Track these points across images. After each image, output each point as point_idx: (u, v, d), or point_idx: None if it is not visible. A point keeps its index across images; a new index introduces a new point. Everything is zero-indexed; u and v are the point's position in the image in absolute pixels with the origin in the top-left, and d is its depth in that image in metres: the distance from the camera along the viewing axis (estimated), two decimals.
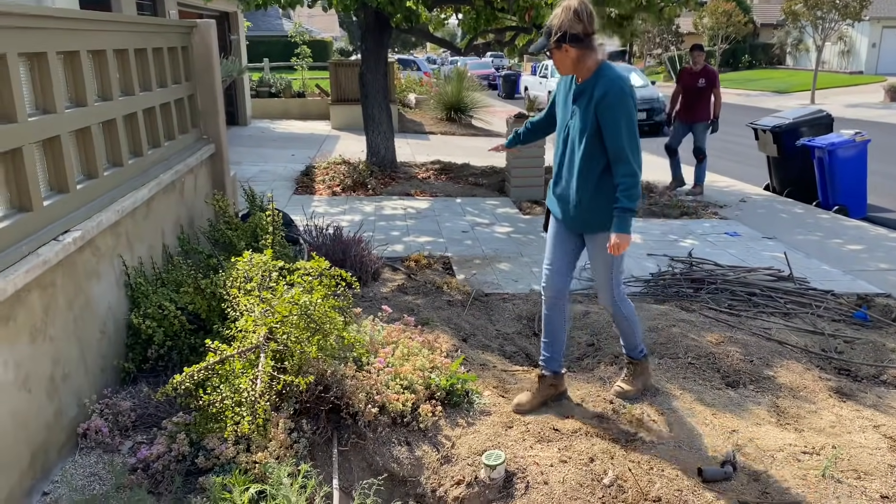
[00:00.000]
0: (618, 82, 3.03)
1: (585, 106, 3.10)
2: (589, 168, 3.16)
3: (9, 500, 2.57)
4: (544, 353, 3.54)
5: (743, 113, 16.89)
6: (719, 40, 35.43)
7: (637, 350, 3.56)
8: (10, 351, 2.61)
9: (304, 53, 17.79)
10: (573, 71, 3.15)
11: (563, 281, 3.45)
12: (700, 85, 9.03)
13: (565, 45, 3.04)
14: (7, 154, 2.78)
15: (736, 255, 6.50)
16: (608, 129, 3.05)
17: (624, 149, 3.04)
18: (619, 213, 3.09)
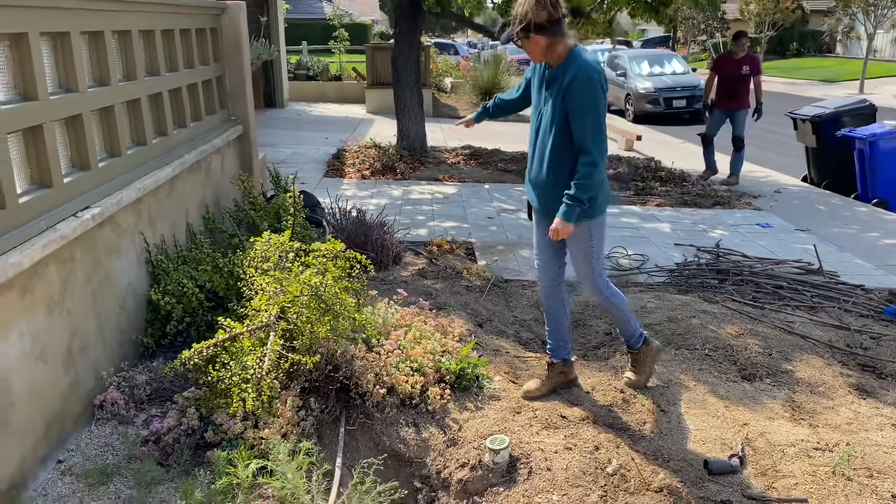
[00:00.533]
0: (586, 69, 2.95)
1: (556, 92, 3.05)
2: (560, 156, 3.11)
3: (22, 466, 2.66)
4: (549, 342, 3.54)
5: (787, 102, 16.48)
6: (766, 27, 34.51)
7: (635, 337, 3.50)
8: (27, 322, 2.69)
9: (342, 37, 17.84)
10: (544, 58, 3.08)
11: (554, 269, 3.42)
12: (744, 72, 8.81)
13: (532, 35, 2.96)
14: (28, 131, 2.86)
15: (766, 246, 6.37)
16: (574, 118, 2.99)
17: (586, 137, 2.98)
18: (567, 200, 3.03)
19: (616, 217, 7.46)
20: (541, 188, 3.26)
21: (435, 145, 10.84)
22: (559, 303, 3.48)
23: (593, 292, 3.37)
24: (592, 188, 3.03)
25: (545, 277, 3.46)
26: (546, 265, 3.43)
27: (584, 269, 3.30)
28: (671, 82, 17.48)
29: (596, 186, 3.05)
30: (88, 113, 3.28)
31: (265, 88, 15.35)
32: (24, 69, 2.82)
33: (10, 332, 2.59)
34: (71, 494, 2.73)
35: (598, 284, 3.33)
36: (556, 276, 3.43)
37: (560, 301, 3.48)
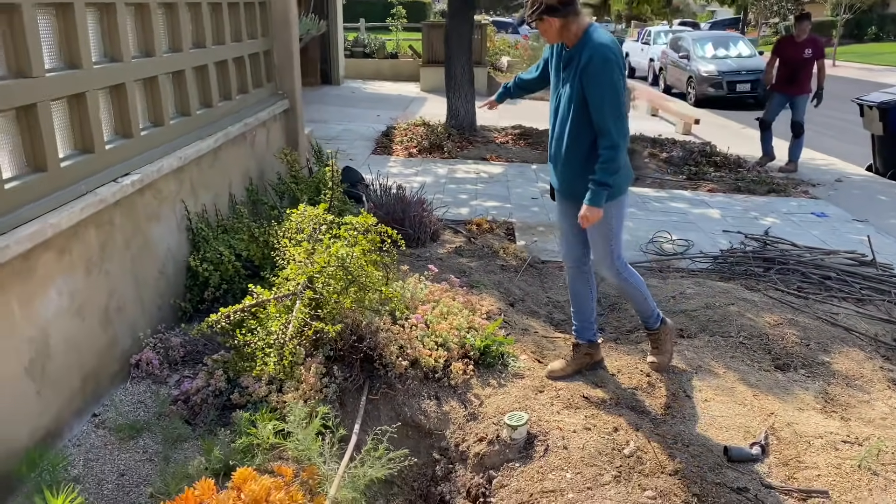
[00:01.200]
0: (603, 49, 2.89)
1: (573, 74, 3.00)
2: (578, 138, 3.08)
3: (59, 417, 2.81)
4: (575, 323, 3.52)
5: (860, 88, 15.75)
6: (843, 10, 32.99)
7: (653, 317, 3.47)
8: (65, 281, 2.83)
9: (399, 14, 17.85)
10: (559, 39, 3.04)
11: (577, 250, 3.39)
12: (806, 55, 8.48)
13: (546, 17, 2.94)
14: (73, 98, 2.98)
15: (819, 236, 6.15)
16: (592, 100, 2.94)
17: (605, 119, 2.93)
18: (593, 186, 2.99)
19: (664, 202, 7.32)
20: (560, 169, 3.23)
21: (485, 124, 10.78)
22: (584, 284, 3.46)
23: (611, 273, 3.32)
24: (616, 170, 2.98)
25: (569, 258, 3.44)
26: (570, 246, 3.41)
27: (603, 250, 3.26)
28: (736, 65, 16.91)
29: (619, 168, 3.00)
30: (132, 82, 3.39)
31: (322, 65, 15.51)
32: (69, 39, 2.93)
33: (49, 289, 2.72)
34: (102, 447, 2.87)
35: (615, 266, 3.29)
36: (581, 257, 3.40)
37: (585, 282, 3.45)
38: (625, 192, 3.20)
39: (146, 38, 3.59)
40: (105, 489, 2.65)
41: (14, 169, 2.65)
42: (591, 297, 3.50)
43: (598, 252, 3.29)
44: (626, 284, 3.36)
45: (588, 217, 3.04)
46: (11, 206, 2.52)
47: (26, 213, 2.58)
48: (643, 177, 8.30)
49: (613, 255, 3.26)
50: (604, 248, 3.25)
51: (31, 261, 2.60)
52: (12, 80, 2.58)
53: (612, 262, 3.27)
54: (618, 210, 3.19)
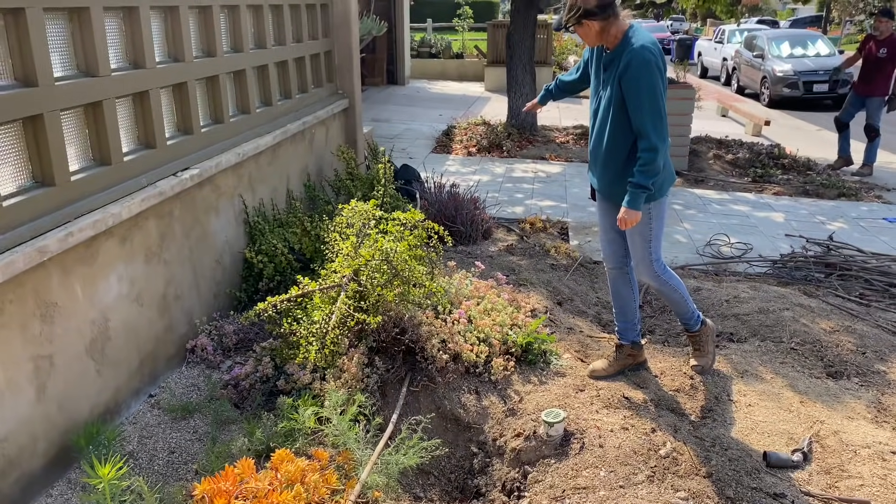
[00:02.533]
0: (642, 51, 2.86)
1: (613, 76, 2.98)
2: (618, 140, 3.06)
3: (117, 395, 2.99)
4: (617, 324, 3.51)
5: None
6: None
7: (693, 320, 3.43)
8: (125, 268, 3.01)
9: (466, 14, 17.94)
10: (599, 42, 3.03)
11: (619, 251, 3.38)
12: (880, 55, 8.16)
13: (584, 21, 2.93)
14: (136, 96, 3.16)
15: (888, 242, 5.91)
16: (631, 102, 2.92)
17: (644, 121, 2.89)
18: (631, 189, 2.97)
19: (726, 204, 7.15)
20: (600, 171, 3.23)
21: (547, 124, 10.75)
22: (626, 285, 3.44)
23: (649, 276, 3.29)
24: (655, 173, 2.95)
25: (611, 259, 3.43)
26: (611, 247, 3.40)
27: (641, 252, 3.24)
28: (813, 65, 16.27)
29: (659, 171, 2.97)
30: (193, 81, 3.57)
31: (388, 66, 15.75)
32: (134, 39, 3.11)
33: (110, 275, 2.90)
34: (156, 425, 3.04)
35: (654, 268, 3.26)
36: (622, 258, 3.39)
37: (627, 283, 3.44)
38: (665, 194, 3.17)
39: (208, 38, 3.76)
40: (156, 464, 2.81)
41: (80, 162, 2.84)
42: (634, 298, 3.48)
43: (637, 254, 3.27)
44: (665, 287, 3.33)
45: (626, 220, 3.03)
46: (76, 197, 2.71)
47: (90, 203, 2.76)
48: (706, 179, 8.13)
49: (652, 258, 3.24)
50: (643, 251, 3.23)
51: (93, 248, 2.78)
52: (80, 78, 2.76)
53: (650, 264, 3.25)
54: (658, 212, 3.17)
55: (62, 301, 2.64)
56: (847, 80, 15.62)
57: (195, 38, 3.66)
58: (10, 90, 2.43)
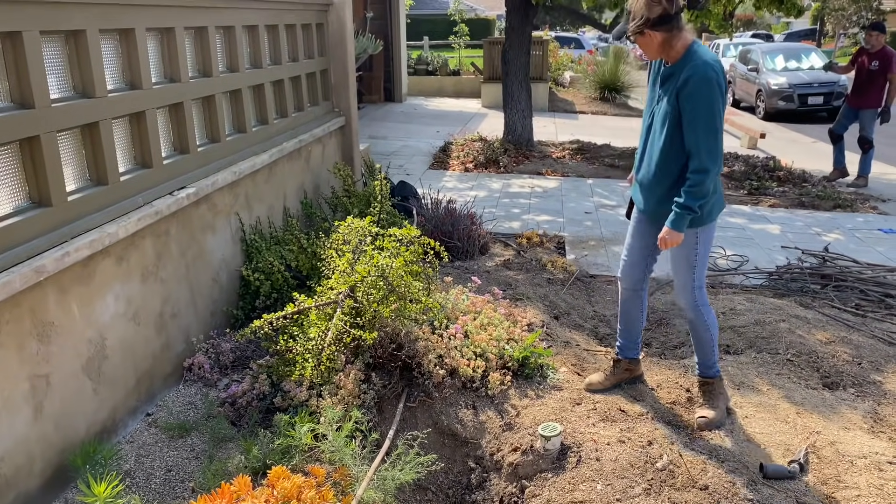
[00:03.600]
0: (704, 68, 2.77)
1: (671, 91, 2.89)
2: (669, 159, 2.97)
3: (114, 414, 2.99)
4: (620, 340, 3.48)
5: None
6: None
7: (712, 367, 3.28)
8: (122, 287, 3.02)
9: (462, 31, 18.08)
10: (660, 55, 2.93)
11: (639, 273, 3.32)
12: (872, 67, 8.24)
13: (647, 31, 2.83)
14: (133, 116, 3.19)
15: (884, 253, 5.93)
16: (686, 120, 2.84)
17: (698, 142, 2.82)
18: (676, 209, 2.90)
19: (722, 216, 7.14)
20: (646, 189, 3.12)
21: (543, 139, 10.82)
22: (637, 306, 3.38)
23: (688, 303, 3.16)
24: (703, 196, 2.87)
25: (629, 279, 3.34)
26: (633, 267, 3.31)
27: (685, 277, 3.12)
28: (808, 78, 16.39)
29: (707, 194, 2.89)
30: (189, 101, 3.60)
31: (385, 83, 15.84)
32: (131, 61, 3.15)
33: (106, 294, 2.92)
34: (153, 444, 3.04)
35: (694, 296, 3.13)
36: (641, 280, 3.33)
37: (639, 305, 3.38)
38: (714, 219, 3.06)
39: (204, 59, 3.80)
40: (153, 483, 2.81)
41: (77, 182, 2.86)
42: (642, 319, 3.44)
43: (680, 279, 3.16)
44: (699, 318, 3.18)
45: (667, 240, 2.95)
46: (73, 217, 2.73)
47: (86, 223, 2.78)
48: None
49: (695, 284, 3.13)
50: (686, 276, 3.12)
51: (89, 267, 2.80)
52: (77, 100, 2.79)
53: (692, 290, 3.13)
54: (705, 237, 3.07)
55: (59, 320, 2.65)
56: (841, 93, 15.75)
57: (191, 58, 3.70)
58: (7, 112, 2.45)
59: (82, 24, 2.77)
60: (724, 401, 3.27)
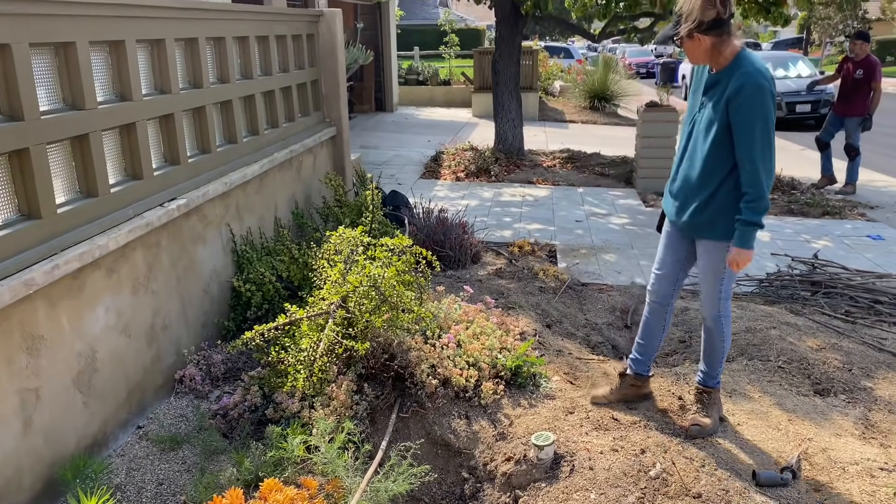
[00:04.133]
0: (756, 76, 2.67)
1: (717, 99, 2.78)
2: (712, 170, 2.84)
3: (104, 427, 2.97)
4: (635, 354, 3.35)
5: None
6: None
7: (715, 377, 3.22)
8: (112, 299, 3.01)
9: (453, 42, 18.16)
10: (707, 61, 2.82)
11: (670, 287, 3.20)
12: (857, 76, 8.33)
13: (697, 35, 2.72)
14: (123, 128, 3.19)
15: (872, 259, 5.97)
16: (739, 131, 2.71)
17: (754, 155, 2.69)
18: (741, 227, 2.78)
19: None
20: (682, 200, 2.99)
21: (534, 148, 10.86)
22: (660, 321, 3.26)
23: (712, 313, 3.09)
24: (765, 209, 2.76)
25: (659, 293, 3.21)
26: (664, 281, 3.19)
27: (712, 288, 3.04)
28: (794, 86, 16.51)
29: (768, 206, 2.77)
30: (180, 113, 3.60)
31: (376, 93, 15.88)
32: (121, 73, 3.14)
33: (97, 306, 2.90)
34: (144, 457, 3.01)
35: (719, 307, 3.06)
36: (669, 294, 3.21)
37: (662, 320, 3.26)
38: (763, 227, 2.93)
39: (195, 70, 3.80)
40: (144, 497, 2.78)
41: (66, 194, 2.85)
42: (662, 336, 3.33)
43: (707, 289, 3.07)
44: (718, 330, 3.11)
45: (738, 260, 2.83)
46: (63, 230, 2.72)
47: (76, 235, 2.77)
48: None
49: (721, 295, 3.05)
50: (714, 287, 3.04)
51: (79, 280, 2.78)
52: (66, 112, 2.78)
53: (717, 301, 3.06)
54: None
55: (49, 334, 2.64)
56: (829, 101, 15.89)
57: (181, 69, 3.70)
58: None
59: (72, 37, 2.77)
60: (718, 410, 3.25)
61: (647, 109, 8.50)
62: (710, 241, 2.96)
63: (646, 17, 9.14)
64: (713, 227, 2.92)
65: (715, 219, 2.89)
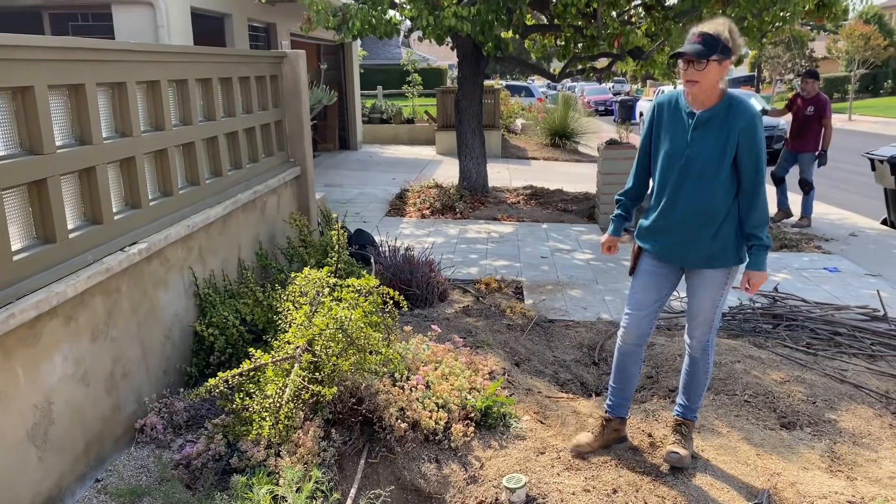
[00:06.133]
0: (754, 111, 2.88)
1: (718, 135, 2.88)
2: (719, 201, 2.94)
3: (60, 482, 2.85)
4: (613, 399, 3.31)
5: (875, 141, 15.79)
6: (856, 65, 33.28)
7: (695, 410, 3.27)
8: (70, 347, 2.91)
9: (415, 81, 18.37)
10: (705, 93, 2.86)
11: (649, 326, 3.19)
12: (808, 113, 8.62)
13: (725, 61, 2.79)
14: (83, 172, 3.13)
15: (830, 291, 6.11)
16: (748, 161, 2.87)
17: (760, 182, 2.91)
18: (758, 251, 2.94)
19: None
20: (692, 234, 3.00)
21: (498, 185, 10.96)
22: (637, 364, 3.27)
23: (701, 343, 3.13)
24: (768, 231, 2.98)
25: (634, 334, 3.18)
26: (640, 322, 3.17)
27: (707, 315, 3.08)
28: None
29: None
30: (141, 155, 3.55)
31: (340, 132, 15.94)
32: (80, 116, 3.09)
33: (54, 355, 2.80)
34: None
35: (709, 336, 3.13)
36: (645, 335, 3.21)
37: (638, 362, 3.27)
38: (744, 260, 3.05)
39: (157, 112, 3.76)
40: None
41: (23, 241, 2.77)
42: (638, 375, 3.33)
43: (705, 318, 3.10)
44: (705, 360, 3.16)
45: (756, 283, 2.97)
46: (18, 277, 2.63)
47: (33, 282, 2.69)
48: None
49: (714, 324, 3.12)
50: (709, 314, 3.09)
51: (36, 329, 2.69)
52: (23, 156, 2.72)
53: (709, 330, 3.12)
54: (734, 277, 3.09)
55: (2, 386, 2.53)
56: (781, 136, 16.39)
57: (143, 112, 3.66)
58: None
59: (30, 81, 2.72)
60: (692, 443, 3.27)
61: (608, 147, 8.66)
62: (714, 271, 3.02)
63: (604, 56, 9.36)
64: (722, 255, 2.99)
65: (724, 247, 2.98)
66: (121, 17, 8.00)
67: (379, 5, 8.06)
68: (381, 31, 7.94)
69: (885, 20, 39.87)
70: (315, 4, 8.05)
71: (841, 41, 33.31)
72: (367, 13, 7.89)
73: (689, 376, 3.22)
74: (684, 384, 3.26)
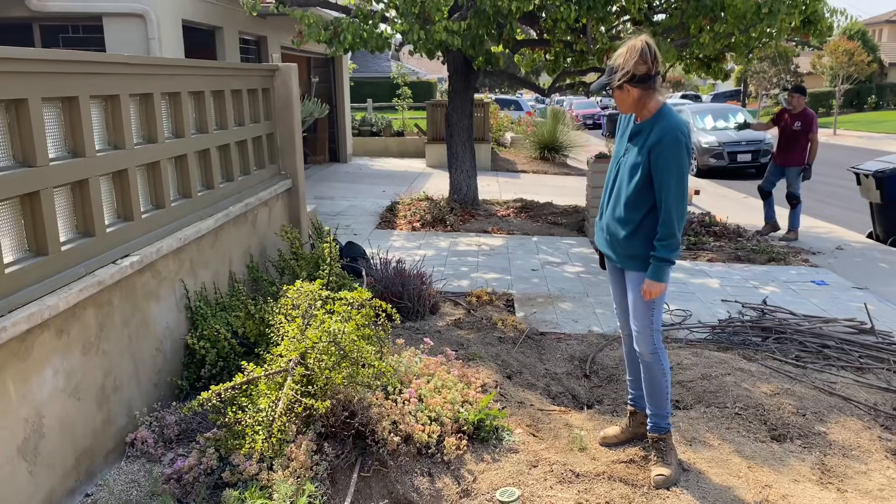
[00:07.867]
0: (674, 130, 2.97)
1: (640, 147, 3.07)
2: (633, 209, 3.12)
3: (50, 497, 2.82)
4: (631, 392, 3.54)
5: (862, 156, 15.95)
6: (840, 81, 33.69)
7: (665, 418, 3.29)
8: (61, 361, 2.89)
9: (405, 94, 18.44)
10: (633, 110, 3.11)
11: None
12: (795, 128, 8.72)
13: (627, 86, 2.99)
14: (76, 185, 3.12)
15: (818, 304, 6.16)
16: (657, 176, 3.01)
17: (670, 199, 2.99)
18: (654, 262, 3.06)
19: None
20: (610, 237, 3.27)
21: (488, 198, 10.99)
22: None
23: (647, 347, 3.23)
24: (676, 247, 3.04)
25: (627, 327, 3.40)
26: (622, 316, 3.44)
27: (644, 321, 3.21)
28: (736, 136, 17.21)
29: (679, 245, 3.05)
30: (134, 168, 3.54)
31: (330, 144, 15.96)
32: (73, 129, 3.09)
33: (45, 369, 2.79)
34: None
35: (653, 339, 3.22)
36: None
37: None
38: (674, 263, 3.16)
39: (149, 125, 3.76)
40: None
41: (15, 253, 2.76)
42: None
43: (639, 322, 3.23)
44: (657, 363, 3.25)
45: (650, 291, 3.08)
46: (10, 290, 2.62)
47: (25, 295, 2.67)
48: None
49: (654, 327, 3.21)
50: (645, 318, 3.21)
51: (27, 342, 2.67)
52: (16, 169, 2.71)
53: (650, 333, 3.21)
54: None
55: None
56: (768, 150, 16.57)
57: (136, 124, 3.66)
58: None
59: (24, 93, 2.72)
60: (675, 455, 3.30)
61: (597, 160, 8.72)
62: (637, 273, 3.20)
63: (593, 71, 9.44)
64: (638, 259, 3.17)
65: (639, 252, 3.15)
66: (112, 29, 8.00)
67: (370, 19, 8.10)
68: (373, 45, 7.98)
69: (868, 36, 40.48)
70: (307, 18, 8.08)
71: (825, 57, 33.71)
72: (358, 27, 7.93)
73: (648, 382, 3.31)
74: (647, 391, 3.34)
